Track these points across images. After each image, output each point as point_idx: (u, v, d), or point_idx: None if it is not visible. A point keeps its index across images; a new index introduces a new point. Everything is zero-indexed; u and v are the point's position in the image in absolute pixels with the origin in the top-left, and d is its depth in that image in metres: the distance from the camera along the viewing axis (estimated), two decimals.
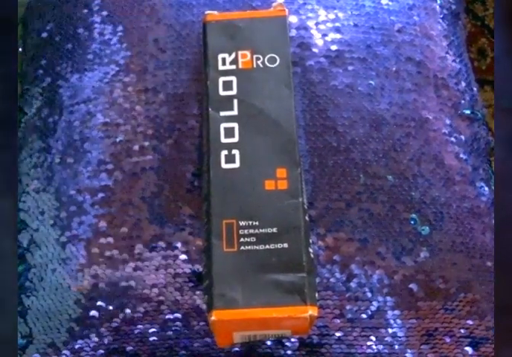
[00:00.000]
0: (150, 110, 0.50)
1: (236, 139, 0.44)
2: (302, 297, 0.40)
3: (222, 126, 0.44)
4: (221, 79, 0.45)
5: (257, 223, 0.41)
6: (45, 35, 0.56)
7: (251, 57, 0.46)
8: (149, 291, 0.47)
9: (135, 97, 0.51)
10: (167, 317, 0.47)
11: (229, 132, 0.44)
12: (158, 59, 0.52)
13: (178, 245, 0.47)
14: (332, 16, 0.54)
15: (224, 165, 0.43)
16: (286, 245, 0.41)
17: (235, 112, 0.44)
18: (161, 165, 0.49)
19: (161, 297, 0.47)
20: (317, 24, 0.53)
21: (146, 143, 0.49)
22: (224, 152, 0.43)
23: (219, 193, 0.42)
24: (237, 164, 0.43)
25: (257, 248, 0.41)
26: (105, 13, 0.54)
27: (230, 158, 0.43)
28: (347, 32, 0.53)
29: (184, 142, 0.49)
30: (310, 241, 0.43)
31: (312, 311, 0.39)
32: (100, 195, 0.48)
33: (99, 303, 0.47)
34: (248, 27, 0.47)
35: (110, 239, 0.47)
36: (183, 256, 0.47)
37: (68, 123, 0.51)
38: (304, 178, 0.45)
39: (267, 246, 0.41)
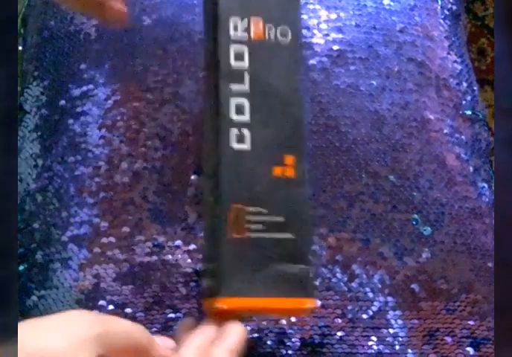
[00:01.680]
0: (152, 109, 0.50)
1: (247, 117, 0.42)
2: (305, 289, 0.40)
3: (233, 101, 0.42)
4: (232, 48, 0.43)
5: (264, 210, 0.41)
6: (45, 34, 0.56)
7: (263, 26, 0.43)
8: (151, 291, 0.47)
9: (137, 96, 0.51)
10: (168, 316, 0.46)
11: (240, 109, 0.42)
12: (160, 59, 0.52)
13: (180, 244, 0.47)
14: (334, 16, 0.54)
15: (234, 145, 0.41)
16: (292, 236, 0.41)
17: (246, 87, 0.42)
18: (163, 164, 0.48)
19: (163, 297, 0.46)
20: (319, 23, 0.53)
21: (148, 143, 0.49)
22: (234, 131, 0.41)
23: (229, 175, 0.40)
24: (247, 146, 0.41)
25: (264, 236, 0.40)
26: None
27: (240, 138, 0.41)
28: (348, 32, 0.53)
29: (186, 141, 0.49)
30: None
31: (312, 303, 0.40)
32: (102, 194, 0.48)
33: (100, 302, 0.47)
34: None
35: (111, 239, 0.47)
36: (184, 256, 0.47)
37: (69, 123, 0.51)
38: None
39: (274, 235, 0.40)
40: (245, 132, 0.41)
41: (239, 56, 0.42)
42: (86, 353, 0.31)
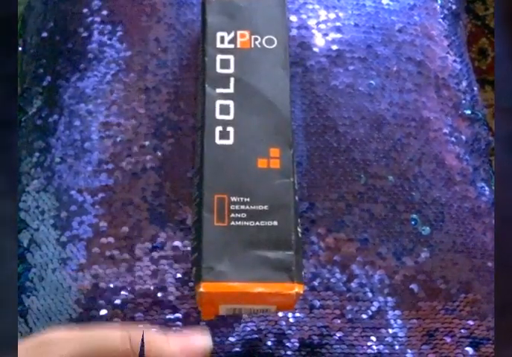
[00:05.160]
0: (151, 109, 0.50)
1: (231, 116, 0.44)
2: (289, 274, 0.40)
3: (218, 102, 0.44)
4: (219, 57, 0.45)
5: (248, 200, 0.42)
6: (44, 34, 0.56)
7: (250, 37, 0.46)
8: (150, 291, 0.47)
9: (136, 97, 0.51)
10: (167, 317, 0.47)
11: (224, 109, 0.44)
12: (159, 59, 0.52)
13: (179, 244, 0.47)
14: (332, 16, 0.54)
15: (218, 141, 0.43)
16: (275, 223, 0.41)
17: (231, 90, 0.45)
18: (162, 165, 0.49)
19: (162, 297, 0.46)
20: (318, 23, 0.53)
21: (147, 143, 0.49)
22: (218, 128, 0.43)
23: (212, 168, 0.42)
24: (230, 141, 0.43)
25: (248, 224, 0.41)
26: (105, 12, 0.54)
27: (224, 135, 0.43)
28: (347, 32, 0.53)
29: (184, 141, 0.49)
30: (299, 221, 0.43)
31: (298, 288, 0.40)
32: (101, 195, 0.48)
33: (99, 302, 0.47)
34: (248, 8, 0.47)
35: (111, 239, 0.47)
36: (183, 257, 0.47)
37: (69, 123, 0.51)
38: (295, 160, 0.45)
39: (257, 223, 0.41)
40: (229, 128, 0.43)
41: (225, 64, 0.45)
42: None
